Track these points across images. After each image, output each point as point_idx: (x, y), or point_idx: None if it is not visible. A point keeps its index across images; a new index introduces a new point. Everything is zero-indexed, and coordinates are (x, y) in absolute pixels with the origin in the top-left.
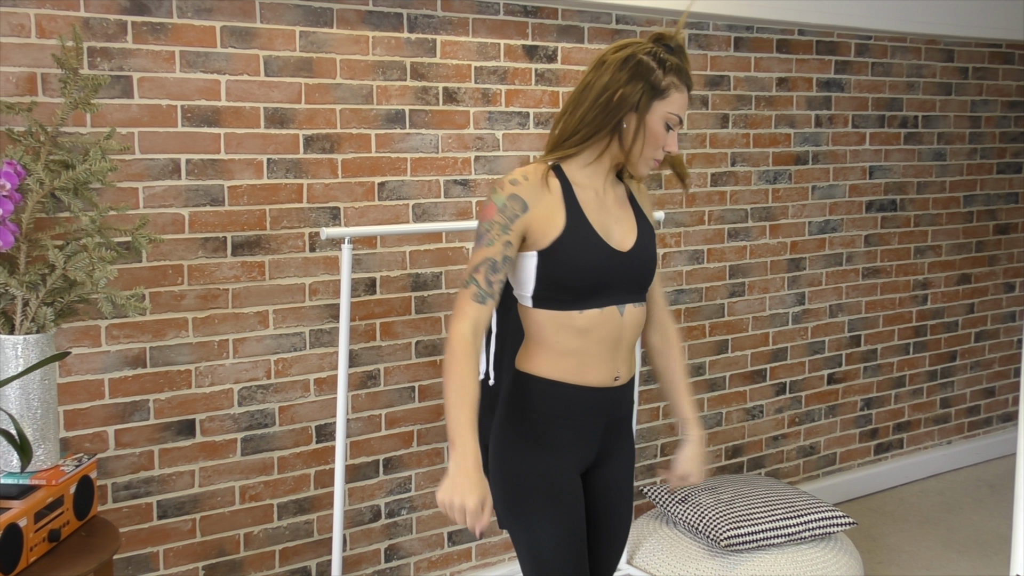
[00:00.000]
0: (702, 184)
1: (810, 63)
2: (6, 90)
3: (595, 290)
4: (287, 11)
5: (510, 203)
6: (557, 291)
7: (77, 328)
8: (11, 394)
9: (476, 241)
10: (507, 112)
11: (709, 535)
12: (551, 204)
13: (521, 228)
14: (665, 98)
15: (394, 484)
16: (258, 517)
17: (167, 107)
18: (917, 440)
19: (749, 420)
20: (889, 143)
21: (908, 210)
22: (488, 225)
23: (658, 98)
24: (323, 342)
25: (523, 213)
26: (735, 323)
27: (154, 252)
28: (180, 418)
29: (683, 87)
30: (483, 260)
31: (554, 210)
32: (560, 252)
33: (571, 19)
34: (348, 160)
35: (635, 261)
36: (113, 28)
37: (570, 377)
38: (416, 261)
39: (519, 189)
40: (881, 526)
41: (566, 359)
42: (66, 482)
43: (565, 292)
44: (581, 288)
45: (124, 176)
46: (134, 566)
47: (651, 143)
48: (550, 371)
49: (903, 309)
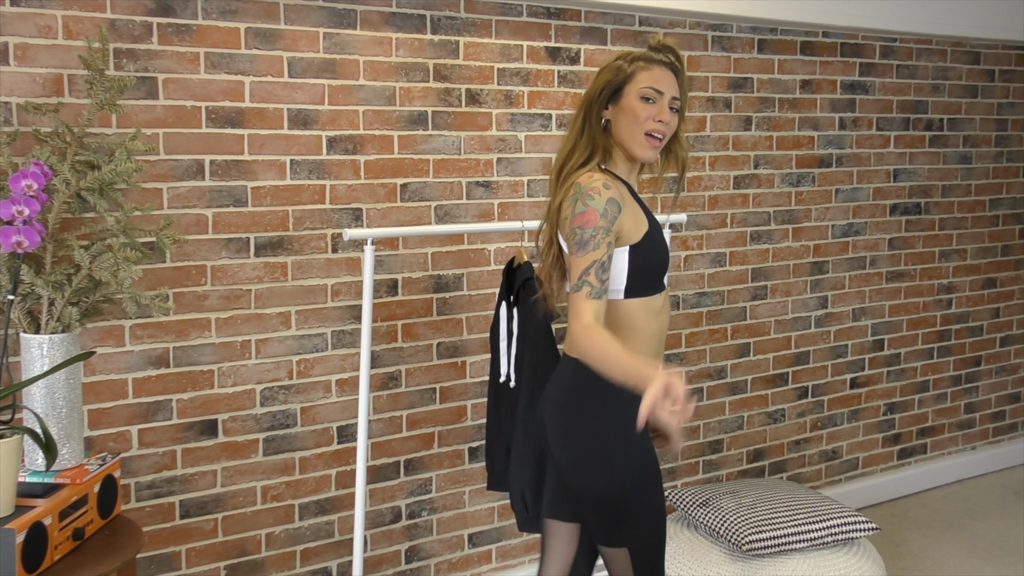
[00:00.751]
0: (724, 187)
1: (834, 65)
2: (33, 91)
3: (664, 274)
4: (311, 13)
5: (610, 207)
6: (647, 279)
7: (101, 328)
8: (36, 393)
9: (579, 247)
10: (529, 114)
11: (731, 539)
12: (631, 204)
13: (618, 228)
14: (632, 80)
15: (415, 485)
16: (279, 517)
17: (191, 108)
18: (941, 445)
19: (771, 424)
20: (914, 146)
21: (933, 213)
22: (594, 231)
23: (627, 83)
24: (345, 343)
25: (619, 214)
26: (757, 326)
27: (178, 252)
28: (203, 418)
29: (652, 65)
30: (591, 263)
31: (636, 208)
32: (649, 244)
33: (594, 21)
34: (371, 161)
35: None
36: (139, 29)
37: (656, 357)
38: (438, 262)
39: (613, 193)
40: (904, 532)
41: (651, 343)
42: (90, 481)
43: (652, 278)
44: (661, 272)
45: (149, 177)
46: (156, 565)
47: (633, 120)
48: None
49: (927, 313)
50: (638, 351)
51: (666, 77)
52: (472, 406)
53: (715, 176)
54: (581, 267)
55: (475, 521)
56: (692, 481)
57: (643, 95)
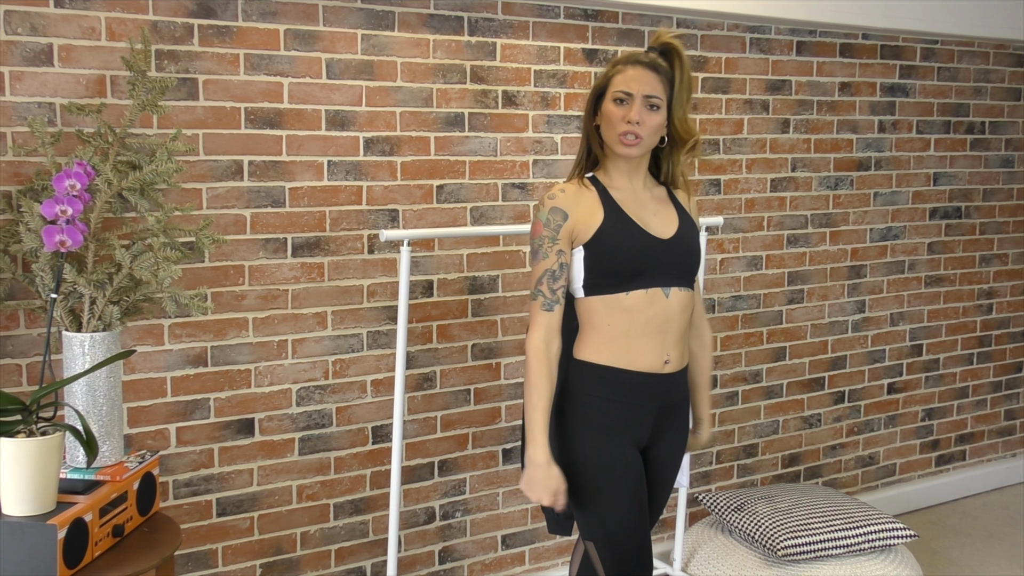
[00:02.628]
0: (761, 190)
1: (874, 68)
2: (77, 92)
3: (638, 272)
4: (350, 14)
5: (552, 216)
6: (604, 276)
7: (141, 327)
8: (78, 391)
9: (532, 257)
10: (566, 116)
11: (766, 544)
12: (589, 204)
13: (567, 234)
14: (610, 85)
15: (449, 486)
16: (314, 516)
17: (231, 109)
18: (980, 452)
19: (806, 429)
20: (955, 149)
21: (973, 218)
22: (539, 241)
23: (607, 88)
24: (380, 344)
25: (565, 221)
26: (793, 330)
27: (216, 252)
28: (239, 417)
29: (627, 67)
30: (542, 272)
31: (593, 208)
32: (603, 240)
33: (631, 23)
34: (407, 163)
35: (677, 248)
36: (180, 31)
37: (622, 362)
38: (473, 264)
39: (557, 201)
40: (943, 539)
41: (617, 342)
42: (130, 478)
43: (611, 276)
44: (625, 270)
45: (188, 177)
46: (193, 562)
47: (608, 124)
48: (603, 357)
49: (967, 318)
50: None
51: (641, 76)
52: (506, 408)
53: (752, 179)
54: (535, 275)
55: (509, 523)
56: (726, 485)
57: (615, 98)
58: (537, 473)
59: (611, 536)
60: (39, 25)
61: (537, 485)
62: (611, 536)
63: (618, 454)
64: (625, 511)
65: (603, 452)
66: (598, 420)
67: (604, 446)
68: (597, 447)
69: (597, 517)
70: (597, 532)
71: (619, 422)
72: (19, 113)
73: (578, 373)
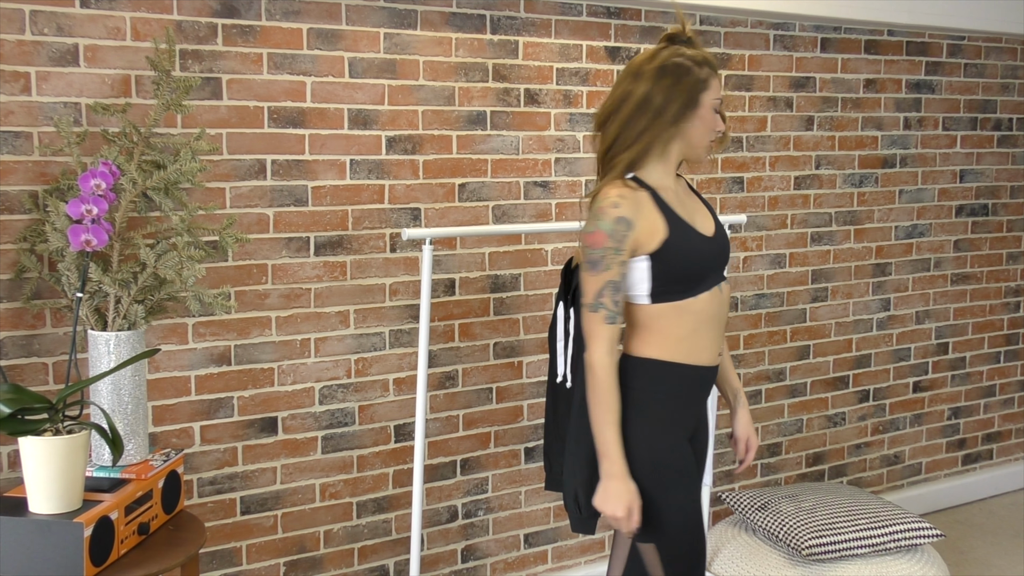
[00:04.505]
0: (785, 187)
1: (899, 64)
2: (102, 92)
3: (703, 276)
4: (372, 13)
5: (617, 227)
6: (673, 283)
7: (165, 326)
8: (103, 389)
9: (590, 267)
10: (588, 114)
11: (790, 543)
12: (650, 214)
13: (631, 246)
14: (708, 88)
15: (471, 485)
16: (338, 515)
17: (254, 108)
18: (1007, 451)
19: (831, 427)
20: (981, 146)
21: (1000, 215)
22: (601, 252)
23: (704, 91)
24: (403, 342)
25: (629, 231)
26: (817, 328)
27: (239, 251)
28: (263, 415)
29: (714, 72)
30: (605, 284)
31: (654, 218)
32: (671, 251)
33: (654, 20)
34: (429, 161)
35: (721, 243)
36: (204, 31)
37: (685, 358)
38: (495, 262)
39: (622, 211)
40: (969, 539)
41: (684, 341)
42: (155, 476)
43: (680, 283)
44: (694, 278)
45: (212, 176)
46: (218, 560)
47: (708, 129)
48: (668, 354)
49: (994, 316)
50: (670, 346)
51: (720, 81)
52: (528, 406)
53: (775, 176)
54: (595, 287)
55: (531, 521)
56: (750, 484)
57: (714, 106)
58: (618, 487)
59: (682, 531)
60: (65, 25)
61: (617, 500)
62: (682, 531)
63: (684, 449)
64: (694, 505)
65: (672, 448)
66: (661, 415)
67: (669, 440)
68: (668, 443)
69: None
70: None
71: (678, 416)
72: (45, 113)
73: (637, 369)
